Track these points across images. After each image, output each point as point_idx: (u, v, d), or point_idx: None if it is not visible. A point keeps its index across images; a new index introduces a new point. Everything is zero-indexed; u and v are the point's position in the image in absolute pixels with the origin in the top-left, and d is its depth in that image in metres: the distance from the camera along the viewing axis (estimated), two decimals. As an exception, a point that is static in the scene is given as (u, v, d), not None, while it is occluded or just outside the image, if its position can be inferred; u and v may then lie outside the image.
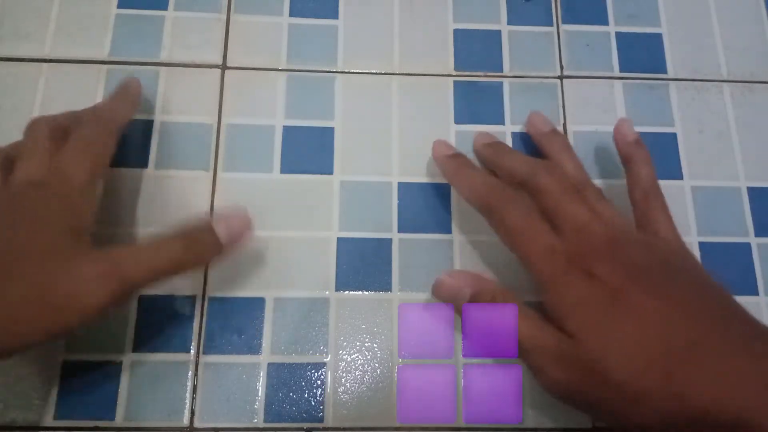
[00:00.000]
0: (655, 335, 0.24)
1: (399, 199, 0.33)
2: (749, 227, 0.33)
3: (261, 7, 0.36)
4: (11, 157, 0.27)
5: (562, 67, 0.36)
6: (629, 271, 0.25)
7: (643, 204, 0.29)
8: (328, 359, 0.30)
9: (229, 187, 0.32)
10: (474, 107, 0.35)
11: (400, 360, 0.30)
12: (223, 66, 0.35)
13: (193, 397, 0.29)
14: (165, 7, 0.35)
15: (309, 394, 0.29)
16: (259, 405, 0.29)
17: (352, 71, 0.35)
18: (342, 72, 0.35)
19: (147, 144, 0.33)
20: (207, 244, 0.27)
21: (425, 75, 0.35)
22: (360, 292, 0.31)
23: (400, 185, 0.33)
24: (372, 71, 0.35)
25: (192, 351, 0.30)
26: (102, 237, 0.30)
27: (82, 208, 0.26)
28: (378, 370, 0.30)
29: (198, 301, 0.30)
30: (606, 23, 0.37)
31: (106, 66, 0.34)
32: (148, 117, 0.33)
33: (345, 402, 0.29)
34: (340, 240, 0.32)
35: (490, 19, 0.37)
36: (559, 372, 0.25)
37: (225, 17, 0.36)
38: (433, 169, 0.33)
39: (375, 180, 0.33)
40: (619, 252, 0.26)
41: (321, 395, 0.29)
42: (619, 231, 0.27)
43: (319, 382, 0.30)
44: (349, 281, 0.31)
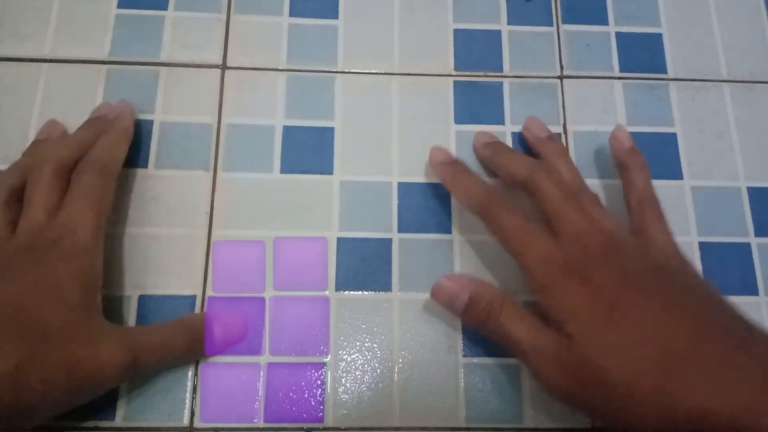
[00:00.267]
0: (652, 339, 0.24)
1: (399, 199, 0.33)
2: (749, 227, 0.33)
3: (261, 7, 0.36)
4: (15, 190, 0.28)
5: (562, 67, 0.36)
6: (625, 277, 0.26)
7: (639, 210, 0.29)
8: (328, 359, 0.30)
9: (229, 187, 0.32)
10: (474, 107, 0.35)
11: (399, 360, 0.30)
12: (223, 66, 0.35)
13: (193, 397, 0.29)
14: (165, 7, 0.35)
15: (309, 394, 0.29)
16: (259, 405, 0.29)
17: (352, 71, 0.35)
18: (342, 72, 0.35)
19: (147, 144, 0.33)
20: (203, 343, 0.29)
21: (425, 75, 0.35)
22: (360, 292, 0.31)
23: (400, 185, 0.33)
24: (372, 71, 0.35)
25: (192, 351, 0.30)
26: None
27: (92, 268, 0.27)
28: (378, 370, 0.30)
29: (198, 301, 0.30)
30: (606, 23, 0.37)
31: (106, 66, 0.34)
32: (148, 117, 0.33)
33: (345, 402, 0.29)
34: (340, 240, 0.32)
35: (490, 19, 0.37)
36: (558, 375, 0.25)
37: (225, 17, 0.36)
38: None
39: (375, 180, 0.33)
40: (616, 258, 0.26)
41: (321, 395, 0.29)
42: (615, 237, 0.27)
43: (319, 382, 0.30)
44: (349, 281, 0.31)
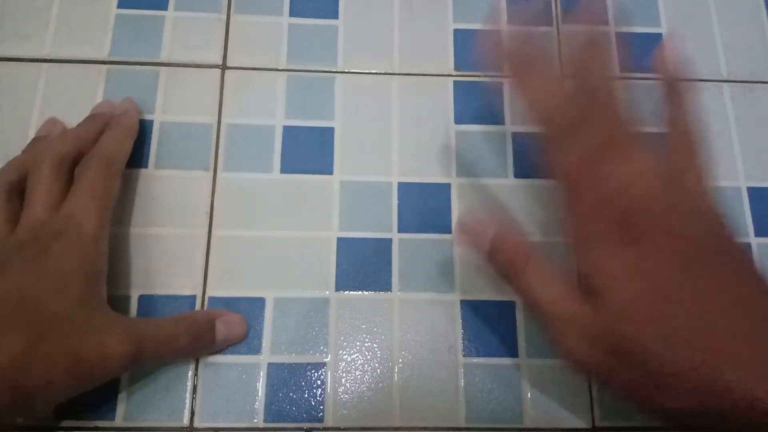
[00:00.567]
0: (702, 326, 0.22)
1: (399, 199, 0.33)
2: (749, 227, 0.33)
3: (261, 7, 0.36)
4: (15, 186, 0.28)
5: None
6: (686, 248, 0.23)
7: (684, 147, 0.26)
8: (328, 359, 0.30)
9: (229, 187, 0.32)
10: (474, 107, 0.35)
11: (400, 360, 0.30)
12: (223, 66, 0.35)
13: (193, 397, 0.29)
14: (165, 7, 0.35)
15: (309, 394, 0.29)
16: (259, 405, 0.29)
17: (352, 71, 0.35)
18: (342, 72, 0.35)
19: (147, 144, 0.33)
20: (206, 340, 0.29)
21: (425, 75, 0.35)
22: (360, 292, 0.31)
23: (400, 185, 0.33)
24: (372, 71, 0.35)
25: (192, 351, 0.30)
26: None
27: (96, 261, 0.27)
28: (378, 370, 0.30)
29: (198, 301, 0.30)
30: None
31: (106, 66, 0.34)
32: (148, 117, 0.33)
33: (345, 402, 0.29)
34: (340, 240, 0.32)
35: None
36: (585, 345, 0.23)
37: (225, 17, 0.36)
38: (433, 169, 0.33)
39: (375, 180, 0.33)
40: (671, 222, 0.23)
41: (321, 395, 0.29)
42: (669, 189, 0.24)
43: (319, 382, 0.30)
44: (349, 281, 0.31)
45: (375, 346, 0.30)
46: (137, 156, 0.32)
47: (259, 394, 0.29)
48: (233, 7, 0.36)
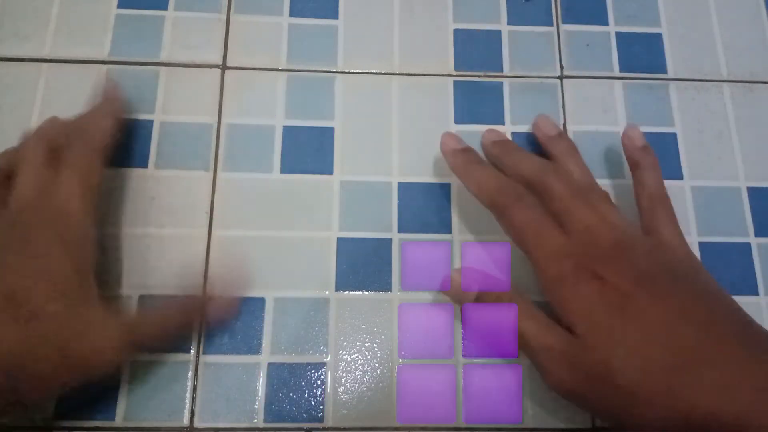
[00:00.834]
0: (661, 339, 0.24)
1: (399, 199, 0.33)
2: (749, 227, 0.33)
3: (261, 7, 0.36)
4: (4, 172, 0.28)
5: (562, 67, 0.36)
6: (637, 276, 0.25)
7: (650, 210, 0.29)
8: (328, 359, 0.30)
9: (229, 187, 0.32)
10: (474, 107, 0.35)
11: (400, 360, 0.30)
12: (223, 66, 0.35)
13: (193, 397, 0.29)
14: (165, 7, 0.35)
15: (309, 394, 0.29)
16: (259, 405, 0.29)
17: (352, 71, 0.35)
18: (342, 72, 0.35)
19: (147, 144, 0.33)
20: (198, 312, 0.30)
21: (425, 75, 0.35)
22: (360, 292, 0.31)
23: (400, 185, 0.33)
24: (372, 71, 0.35)
25: (192, 351, 0.30)
26: (103, 237, 0.30)
27: (83, 244, 0.27)
28: (378, 370, 0.30)
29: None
30: (606, 23, 0.37)
31: (106, 66, 0.34)
32: (148, 117, 0.33)
33: (345, 402, 0.29)
34: (340, 240, 0.32)
35: (490, 19, 0.37)
36: (565, 372, 0.25)
37: (225, 17, 0.36)
38: (434, 169, 0.33)
39: (375, 180, 0.33)
40: (627, 256, 0.26)
41: (321, 395, 0.29)
42: (627, 235, 0.27)
43: (319, 382, 0.30)
44: (349, 281, 0.31)
45: (375, 346, 0.30)
46: (137, 156, 0.33)
47: (259, 394, 0.29)
48: (233, 7, 0.36)
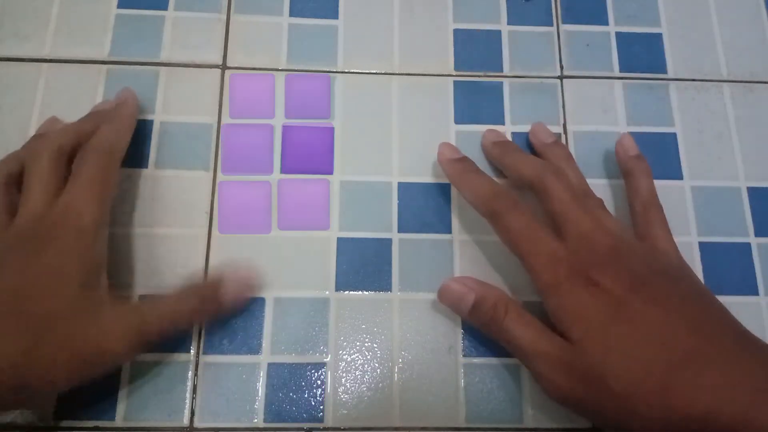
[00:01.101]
0: (655, 343, 0.24)
1: (399, 199, 0.33)
2: (749, 227, 0.33)
3: (261, 7, 0.36)
4: (13, 178, 0.28)
5: (562, 67, 0.36)
6: (632, 281, 0.26)
7: (643, 216, 0.30)
8: (328, 359, 0.30)
9: (229, 188, 0.32)
10: (474, 107, 0.35)
11: (399, 360, 0.30)
12: (223, 66, 0.35)
13: (193, 397, 0.29)
14: (165, 7, 0.35)
15: (309, 394, 0.29)
16: (259, 405, 0.29)
17: (352, 71, 0.35)
18: (342, 72, 0.35)
19: (147, 144, 0.33)
20: (212, 302, 0.29)
21: (425, 75, 0.35)
22: (360, 292, 0.31)
23: (400, 185, 0.33)
24: (372, 71, 0.35)
25: (192, 351, 0.30)
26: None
27: (96, 250, 0.27)
28: (378, 370, 0.30)
29: (198, 301, 0.30)
30: (606, 23, 0.37)
31: (106, 66, 0.34)
32: (148, 117, 0.33)
33: (345, 402, 0.29)
34: (340, 240, 0.32)
35: (490, 19, 0.37)
36: (561, 378, 0.25)
37: (225, 17, 0.36)
38: (434, 169, 0.33)
39: (375, 180, 0.33)
40: (622, 261, 0.26)
41: (321, 395, 0.29)
42: (622, 240, 0.27)
43: (319, 382, 0.30)
44: (349, 281, 0.31)
45: (375, 346, 0.30)
46: (137, 156, 0.32)
47: (259, 394, 0.29)
48: (233, 7, 0.36)
